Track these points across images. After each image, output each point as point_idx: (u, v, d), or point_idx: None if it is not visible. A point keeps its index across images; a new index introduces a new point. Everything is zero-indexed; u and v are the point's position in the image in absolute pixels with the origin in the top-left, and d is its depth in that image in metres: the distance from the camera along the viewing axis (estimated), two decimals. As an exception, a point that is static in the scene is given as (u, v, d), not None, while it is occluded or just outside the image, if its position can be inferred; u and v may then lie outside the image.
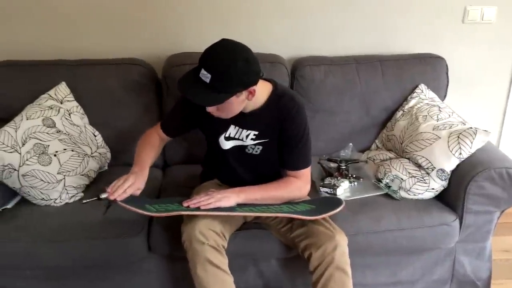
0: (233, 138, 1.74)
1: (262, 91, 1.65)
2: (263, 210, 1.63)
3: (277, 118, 1.68)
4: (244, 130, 1.72)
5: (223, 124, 1.72)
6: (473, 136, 1.86)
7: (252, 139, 1.72)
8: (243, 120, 1.69)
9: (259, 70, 1.56)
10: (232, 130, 1.73)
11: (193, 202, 1.58)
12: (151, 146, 1.79)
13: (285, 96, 1.69)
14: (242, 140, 1.73)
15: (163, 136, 1.85)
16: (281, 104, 1.67)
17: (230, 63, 1.48)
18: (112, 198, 1.55)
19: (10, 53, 2.21)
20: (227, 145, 1.75)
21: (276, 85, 1.71)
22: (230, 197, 1.62)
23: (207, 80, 1.48)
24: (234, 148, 1.75)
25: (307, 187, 1.75)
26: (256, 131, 1.71)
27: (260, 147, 1.73)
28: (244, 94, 1.56)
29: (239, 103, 1.59)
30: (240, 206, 1.63)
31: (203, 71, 1.48)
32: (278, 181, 1.74)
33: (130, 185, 1.58)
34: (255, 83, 1.55)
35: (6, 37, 2.25)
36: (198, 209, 1.57)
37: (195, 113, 1.74)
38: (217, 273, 1.54)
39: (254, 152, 1.74)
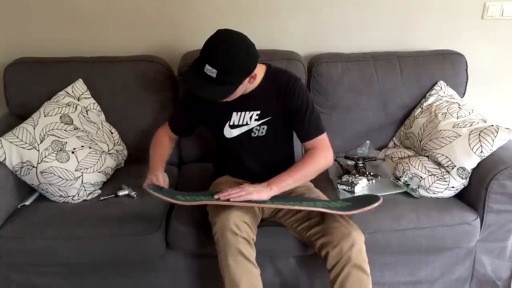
0: (238, 126, 1.77)
1: (258, 72, 1.68)
2: (295, 204, 1.62)
3: (276, 94, 1.72)
4: (247, 112, 1.75)
5: (225, 114, 1.76)
6: (494, 134, 1.83)
7: (255, 119, 1.75)
8: (243, 103, 1.73)
9: (257, 54, 1.61)
10: (235, 118, 1.76)
11: (223, 195, 1.58)
12: (163, 147, 1.86)
13: (279, 72, 1.76)
14: (247, 124, 1.76)
15: (172, 135, 1.90)
16: (277, 80, 1.73)
17: (233, 55, 1.53)
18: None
19: (28, 50, 2.22)
20: (233, 133, 1.78)
21: (269, 65, 1.77)
22: (261, 191, 1.61)
23: (213, 75, 1.52)
24: (240, 135, 1.78)
25: (330, 153, 1.75)
26: (258, 110, 1.75)
27: (265, 127, 1.76)
28: (247, 79, 1.61)
29: (242, 87, 1.64)
30: (272, 200, 1.62)
31: (207, 67, 1.52)
32: (301, 159, 1.76)
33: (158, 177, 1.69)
34: (255, 67, 1.61)
35: (24, 34, 2.26)
36: (227, 200, 1.57)
37: (197, 110, 1.79)
38: (246, 264, 1.54)
39: (260, 134, 1.77)
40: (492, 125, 1.87)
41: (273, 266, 1.88)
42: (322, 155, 1.73)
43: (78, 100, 2.07)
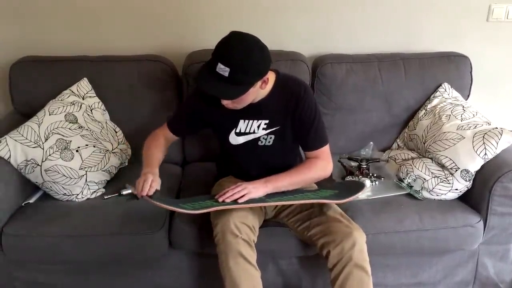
0: (245, 133, 1.75)
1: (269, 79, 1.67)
2: (290, 199, 1.63)
3: (287, 104, 1.70)
4: (255, 121, 1.73)
5: (232, 120, 1.74)
6: (498, 137, 1.83)
7: (263, 128, 1.73)
8: (252, 111, 1.71)
9: (270, 58, 1.59)
10: (242, 125, 1.74)
11: (227, 196, 1.58)
12: (158, 148, 1.81)
13: (290, 80, 1.74)
14: (253, 132, 1.74)
15: (169, 136, 1.86)
16: (288, 89, 1.70)
17: (247, 54, 1.51)
18: (141, 195, 1.57)
19: (33, 49, 2.22)
20: (239, 140, 1.76)
21: (278, 73, 1.74)
22: (258, 188, 1.62)
23: (226, 74, 1.50)
24: (246, 143, 1.76)
25: (330, 165, 1.75)
26: (267, 119, 1.73)
27: (273, 137, 1.74)
28: (259, 83, 1.58)
29: (254, 92, 1.61)
30: (269, 196, 1.63)
31: (220, 66, 1.49)
32: (301, 164, 1.76)
33: (153, 179, 1.60)
34: (268, 70, 1.59)
35: (29, 33, 2.27)
36: (234, 202, 1.57)
37: (204, 113, 1.77)
38: (247, 267, 1.54)
39: (267, 143, 1.75)
40: (496, 128, 1.87)
41: (275, 266, 1.88)
42: (322, 165, 1.73)
43: (83, 99, 2.07)
